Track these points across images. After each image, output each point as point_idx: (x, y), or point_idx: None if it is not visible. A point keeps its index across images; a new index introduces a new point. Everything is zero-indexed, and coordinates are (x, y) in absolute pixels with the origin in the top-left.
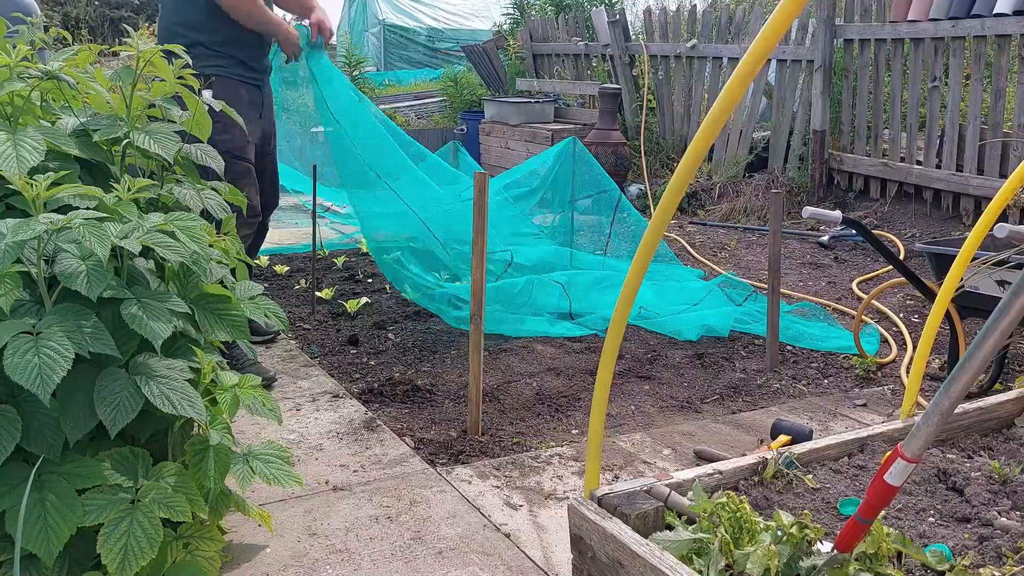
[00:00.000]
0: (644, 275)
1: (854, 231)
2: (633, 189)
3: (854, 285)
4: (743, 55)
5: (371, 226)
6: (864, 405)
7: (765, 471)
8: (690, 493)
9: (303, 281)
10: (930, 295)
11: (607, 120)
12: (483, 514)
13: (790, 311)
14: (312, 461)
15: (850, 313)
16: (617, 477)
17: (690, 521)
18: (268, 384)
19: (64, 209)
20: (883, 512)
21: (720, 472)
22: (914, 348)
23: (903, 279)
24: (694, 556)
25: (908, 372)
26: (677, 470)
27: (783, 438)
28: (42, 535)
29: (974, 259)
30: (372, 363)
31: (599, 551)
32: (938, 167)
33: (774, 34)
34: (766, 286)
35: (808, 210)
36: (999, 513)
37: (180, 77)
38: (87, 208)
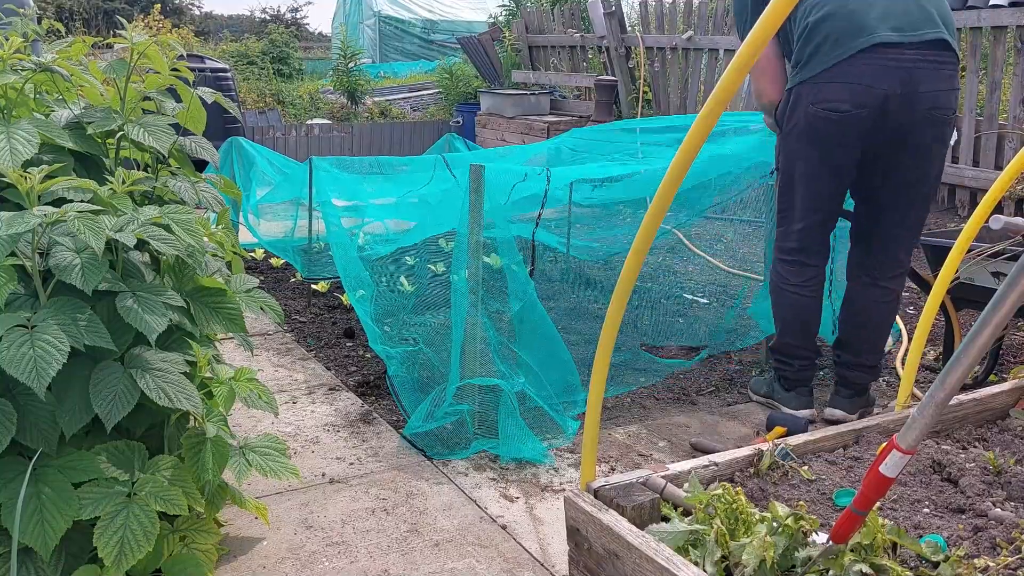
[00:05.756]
0: (639, 269)
1: (850, 223)
2: None
3: None
4: (739, 47)
5: None
6: None
7: (761, 463)
8: (686, 485)
9: (299, 274)
10: (925, 287)
11: (603, 112)
12: (480, 506)
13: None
14: (309, 454)
15: None
16: (613, 469)
17: (686, 513)
18: None
19: (58, 202)
20: (878, 503)
21: (716, 464)
22: (910, 339)
23: None
24: (690, 548)
25: (903, 363)
26: (673, 462)
27: (779, 429)
28: (38, 529)
29: (969, 251)
30: (368, 356)
31: (595, 543)
32: None
33: (770, 26)
34: (761, 278)
35: None
36: (993, 504)
37: (175, 69)
38: (82, 201)
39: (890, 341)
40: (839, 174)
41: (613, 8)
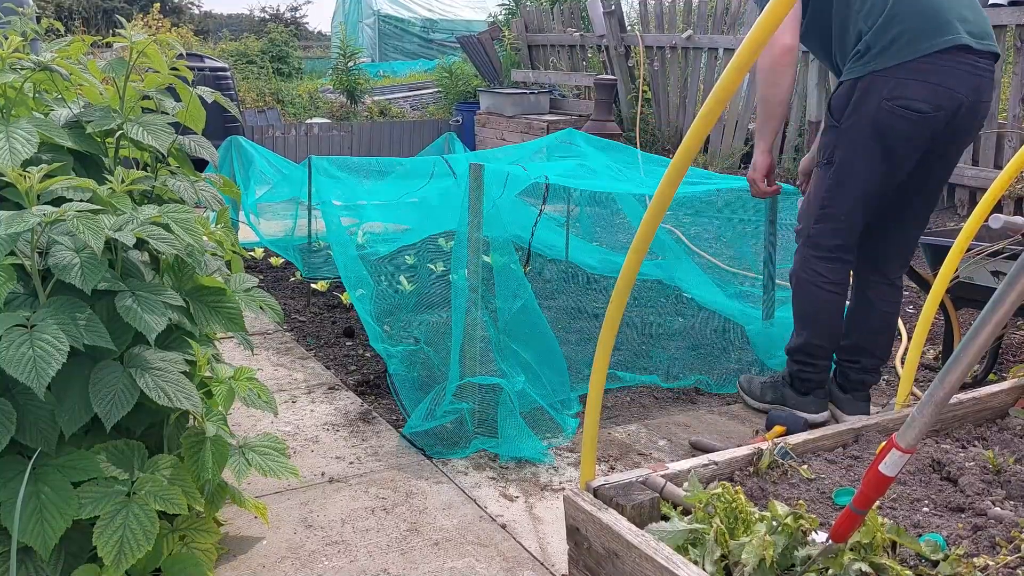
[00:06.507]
0: (639, 267)
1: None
2: None
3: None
4: (739, 46)
5: None
6: None
7: (760, 461)
8: (686, 484)
9: (298, 273)
10: (925, 286)
11: (603, 111)
12: (479, 505)
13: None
14: (308, 453)
15: None
16: (613, 468)
17: (686, 512)
18: None
19: (58, 201)
20: (878, 502)
21: (715, 463)
22: (909, 339)
23: None
24: (690, 547)
25: (903, 362)
26: (673, 461)
27: (778, 428)
28: (38, 528)
29: (969, 250)
30: (368, 355)
31: (595, 542)
32: None
33: (769, 25)
34: (761, 276)
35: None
36: (993, 503)
37: (174, 68)
38: (81, 200)
39: None
40: (895, 174)
41: (612, 7)
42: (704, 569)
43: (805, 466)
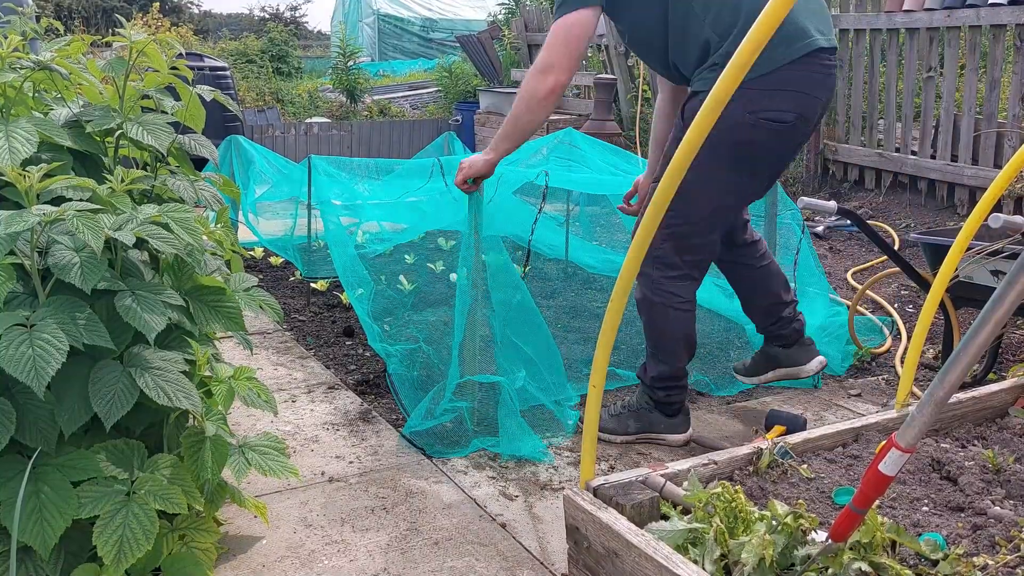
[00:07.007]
0: (639, 267)
1: (849, 221)
2: None
3: (849, 275)
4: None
5: None
6: (858, 395)
7: (760, 461)
8: (685, 483)
9: (298, 273)
10: (924, 285)
11: (602, 111)
12: (479, 504)
13: None
14: (308, 452)
15: (844, 303)
16: (612, 468)
17: (685, 511)
18: None
19: (57, 201)
20: (877, 501)
21: (715, 462)
22: (908, 338)
23: (898, 269)
24: (689, 546)
25: (903, 362)
26: (672, 460)
27: (778, 428)
28: (37, 527)
29: (968, 249)
30: (367, 354)
31: (595, 541)
32: (932, 157)
33: (769, 24)
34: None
35: (803, 200)
36: (993, 502)
37: (174, 67)
38: (80, 200)
39: (888, 339)
40: (754, 185)
41: None
42: (704, 568)
43: (805, 465)
